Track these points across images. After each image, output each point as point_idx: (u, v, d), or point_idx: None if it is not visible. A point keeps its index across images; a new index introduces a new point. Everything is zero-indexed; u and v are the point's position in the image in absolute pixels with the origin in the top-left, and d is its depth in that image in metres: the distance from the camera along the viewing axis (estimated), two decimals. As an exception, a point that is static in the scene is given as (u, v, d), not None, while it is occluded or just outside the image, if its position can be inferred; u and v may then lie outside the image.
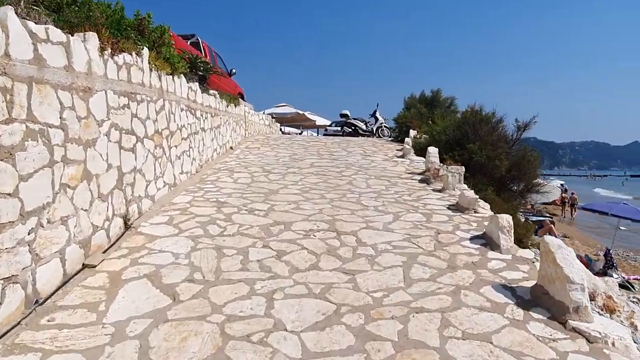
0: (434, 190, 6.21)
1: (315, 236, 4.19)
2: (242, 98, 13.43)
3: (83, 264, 3.41)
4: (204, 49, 10.92)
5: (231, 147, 9.65)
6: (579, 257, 10.82)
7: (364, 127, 18.16)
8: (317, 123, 31.47)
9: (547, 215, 19.40)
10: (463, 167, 6.53)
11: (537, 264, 3.83)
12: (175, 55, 5.61)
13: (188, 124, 6.40)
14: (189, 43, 10.16)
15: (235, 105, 10.34)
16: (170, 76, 5.61)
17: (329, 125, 25.88)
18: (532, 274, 3.45)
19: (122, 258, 3.61)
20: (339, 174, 7.11)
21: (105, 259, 3.57)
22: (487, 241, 4.10)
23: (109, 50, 3.86)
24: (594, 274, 10.91)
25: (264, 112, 27.74)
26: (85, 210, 3.45)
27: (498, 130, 10.01)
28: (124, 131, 4.17)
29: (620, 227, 21.16)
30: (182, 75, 6.14)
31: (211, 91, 8.24)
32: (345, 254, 3.78)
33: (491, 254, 3.85)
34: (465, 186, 6.31)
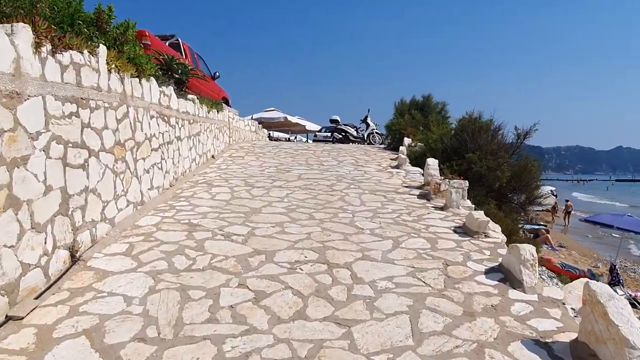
0: (435, 208, 5.58)
1: (302, 270, 3.51)
2: (227, 103, 12.73)
3: (6, 316, 2.68)
4: (184, 50, 10.22)
5: (213, 156, 8.94)
6: (581, 272, 10.30)
7: (354, 133, 17.56)
8: (307, 128, 30.87)
9: (541, 223, 18.99)
10: (467, 182, 5.92)
11: (568, 307, 3.21)
12: (142, 56, 4.90)
13: (160, 132, 5.69)
14: (167, 44, 9.45)
15: (217, 111, 9.63)
16: (137, 79, 4.90)
17: (318, 131, 25.29)
18: (567, 323, 2.82)
19: (59, 305, 2.88)
20: (329, 188, 6.44)
21: (38, 306, 2.84)
22: (505, 275, 3.46)
23: (49, 47, 3.14)
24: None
25: (251, 117, 27.06)
26: (11, 246, 2.73)
27: (497, 139, 9.47)
28: (70, 145, 3.45)
29: (614, 235, 20.86)
30: (152, 78, 5.43)
31: (189, 96, 7.53)
32: (338, 296, 3.11)
33: (513, 293, 3.21)
34: (470, 203, 5.69)
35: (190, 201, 5.45)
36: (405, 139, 10.38)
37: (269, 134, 31.57)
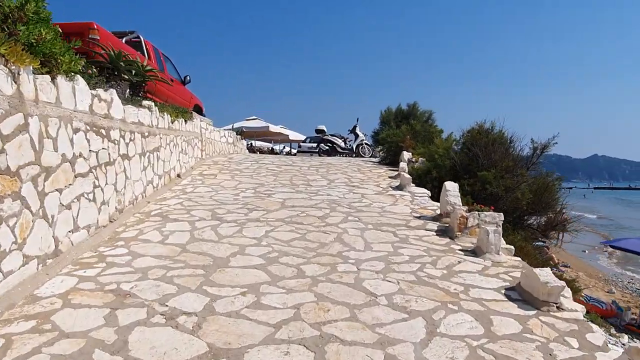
0: (464, 251, 4.18)
1: (287, 397, 2.05)
2: (200, 112, 11.22)
3: None
4: (147, 49, 8.70)
5: (178, 175, 7.41)
6: (608, 305, 9.06)
7: (342, 144, 16.19)
8: (290, 137, 29.47)
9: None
10: (501, 215, 4.57)
11: None
12: (56, 44, 3.39)
13: (91, 151, 4.16)
14: (124, 41, 7.93)
15: (185, 120, 8.12)
16: (46, 76, 3.38)
17: (302, 141, 23.86)
18: None
19: None
20: (321, 221, 4.99)
21: None
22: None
23: None
24: (624, 326, 9.24)
25: (232, 126, 25.49)
26: None
27: (513, 153, 8.21)
28: None
29: (606, 249, 19.93)
30: (78, 77, 3.92)
31: (144, 102, 6.01)
32: None
33: None
34: (512, 248, 4.32)
35: (131, 247, 3.93)
36: (405, 152, 9.03)
37: (251, 143, 30.07)
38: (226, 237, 4.26)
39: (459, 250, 4.20)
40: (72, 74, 3.82)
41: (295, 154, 23.58)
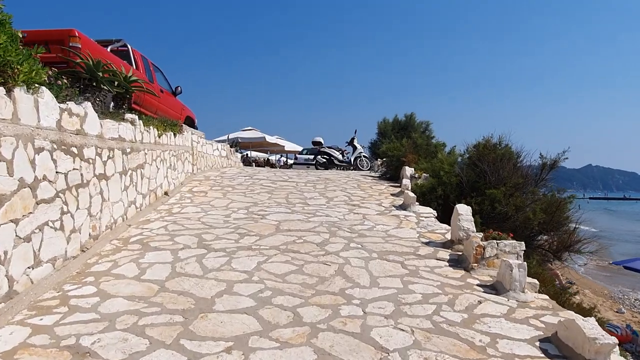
0: (483, 287, 3.68)
1: None
2: (192, 124, 10.74)
3: None
4: (135, 59, 8.23)
5: (166, 193, 6.89)
6: (623, 330, 8.55)
7: (340, 157, 15.73)
8: (286, 148, 29.08)
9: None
10: (522, 244, 4.09)
11: None
12: (9, 50, 2.89)
13: (59, 172, 3.65)
14: (109, 50, 7.46)
15: (175, 134, 7.63)
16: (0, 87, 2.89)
17: (299, 153, 23.42)
18: None
19: None
20: (320, 249, 4.48)
21: None
22: None
23: None
24: (641, 352, 8.71)
25: (227, 137, 25.02)
26: None
27: (522, 169, 7.76)
28: None
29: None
30: (43, 89, 3.42)
31: (127, 116, 5.52)
32: None
33: None
34: (537, 283, 3.82)
35: (102, 284, 3.40)
36: (407, 168, 8.56)
37: (246, 154, 29.59)
38: (212, 271, 3.74)
39: (478, 285, 3.70)
40: (36, 85, 3.32)
41: (291, 166, 23.11)
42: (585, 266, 19.56)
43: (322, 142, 16.31)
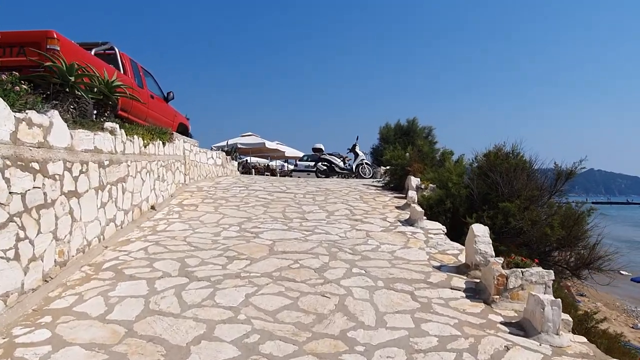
0: (508, 324, 3.15)
1: None
2: (186, 131, 10.26)
3: None
4: (123, 63, 7.76)
5: (152, 207, 6.37)
6: (639, 350, 7.95)
7: (341, 164, 15.23)
8: (286, 154, 28.58)
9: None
10: (551, 273, 3.56)
11: None
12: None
13: (13, 193, 3.14)
14: (93, 53, 6.99)
15: (164, 143, 7.13)
16: None
17: (299, 159, 22.92)
18: None
19: None
20: (319, 276, 3.95)
21: None
22: None
23: None
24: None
25: (226, 143, 24.51)
26: None
27: (536, 180, 7.23)
28: None
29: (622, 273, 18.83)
30: (-8, 95, 2.92)
31: (107, 124, 5.02)
32: None
33: None
34: (570, 320, 3.28)
35: (58, 327, 2.87)
36: (412, 178, 8.03)
37: (246, 160, 29.08)
38: (192, 307, 3.21)
39: (502, 324, 3.17)
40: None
41: (290, 172, 22.59)
42: (591, 273, 18.94)
43: (323, 149, 15.81)
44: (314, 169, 15.81)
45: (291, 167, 27.27)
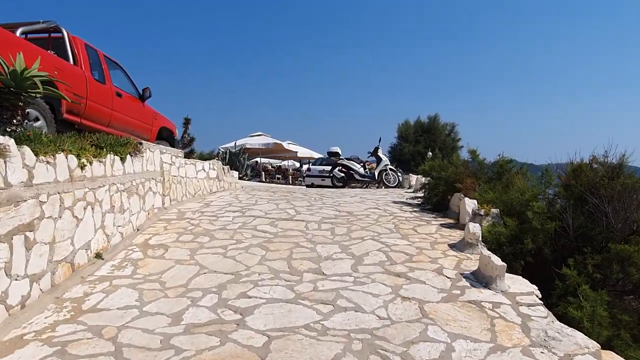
0: None
1: None
2: (170, 139, 8.29)
3: None
4: (74, 50, 5.80)
5: (98, 255, 4.38)
6: None
7: (361, 170, 13.10)
8: (299, 155, 26.52)
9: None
10: None
11: None
12: None
13: None
14: (18, 34, 5.04)
15: (123, 157, 5.13)
16: None
17: (312, 164, 20.82)
18: None
19: None
20: None
21: None
22: None
23: None
24: None
25: (234, 144, 22.54)
26: None
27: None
28: None
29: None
30: None
31: (-11, 140, 3.00)
32: None
33: None
34: None
35: None
36: (467, 200, 5.86)
37: (256, 161, 27.05)
38: None
39: None
40: None
41: (303, 177, 20.52)
42: None
43: (340, 153, 13.70)
44: (329, 175, 13.75)
45: (305, 167, 25.22)
